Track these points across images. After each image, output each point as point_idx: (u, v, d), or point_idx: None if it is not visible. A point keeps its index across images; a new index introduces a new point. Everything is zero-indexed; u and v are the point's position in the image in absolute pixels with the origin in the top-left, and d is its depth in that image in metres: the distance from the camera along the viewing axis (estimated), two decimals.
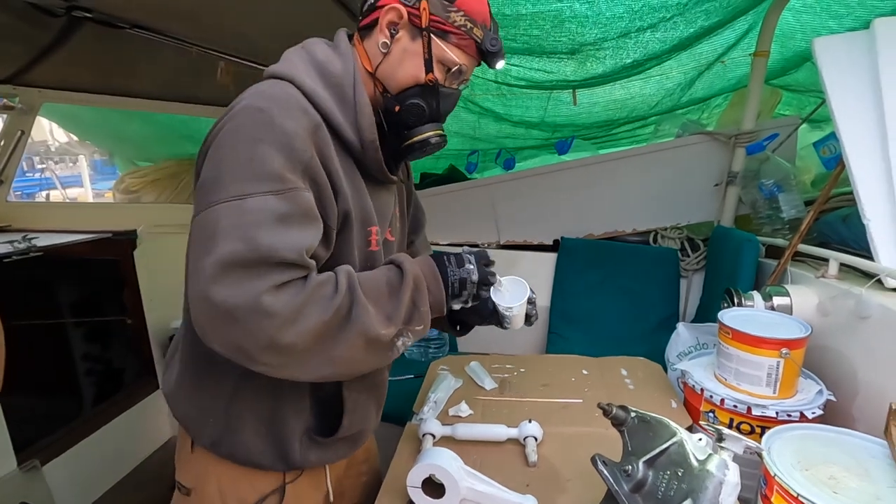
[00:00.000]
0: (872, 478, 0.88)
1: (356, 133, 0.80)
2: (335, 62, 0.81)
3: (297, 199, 0.69)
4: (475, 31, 0.83)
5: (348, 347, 0.70)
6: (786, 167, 1.80)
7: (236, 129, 0.69)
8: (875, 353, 1.13)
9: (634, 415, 0.88)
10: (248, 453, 0.83)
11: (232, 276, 0.62)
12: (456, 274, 0.83)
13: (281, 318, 0.64)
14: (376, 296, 0.75)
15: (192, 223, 0.68)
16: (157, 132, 2.50)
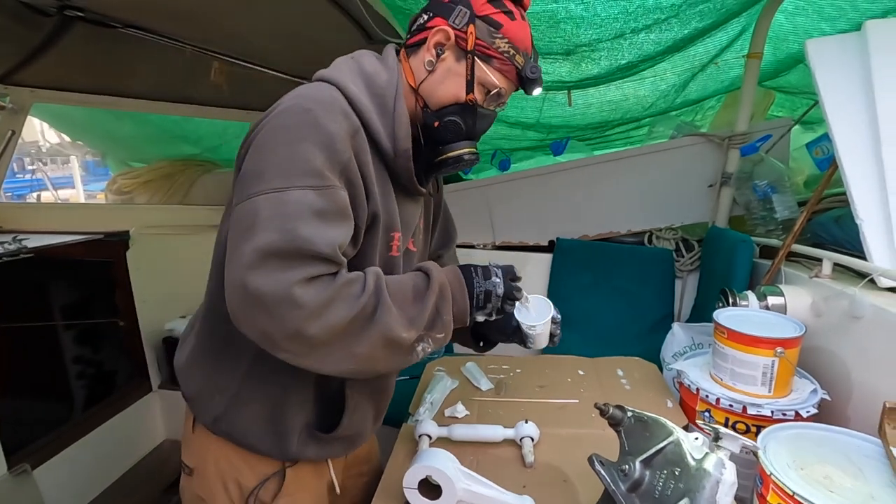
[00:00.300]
0: (867, 477, 0.89)
1: (391, 141, 0.84)
2: (381, 74, 0.85)
3: (334, 197, 0.73)
4: (517, 57, 0.87)
5: (369, 345, 0.73)
6: (779, 168, 1.82)
7: (283, 126, 0.72)
8: (868, 352, 1.14)
9: (631, 414, 0.88)
10: (245, 435, 0.86)
11: (268, 265, 0.66)
12: (482, 286, 0.86)
13: (308, 310, 0.67)
14: (401, 299, 0.78)
15: (233, 211, 0.72)
16: (149, 133, 2.48)
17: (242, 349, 0.83)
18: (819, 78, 1.37)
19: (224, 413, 0.86)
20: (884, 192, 1.22)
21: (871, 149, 1.26)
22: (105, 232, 2.03)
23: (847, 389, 1.19)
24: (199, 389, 0.88)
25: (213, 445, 0.88)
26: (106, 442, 1.85)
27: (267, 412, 0.86)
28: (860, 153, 1.27)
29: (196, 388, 0.89)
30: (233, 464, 0.88)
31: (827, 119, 1.32)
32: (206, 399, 0.87)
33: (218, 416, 0.86)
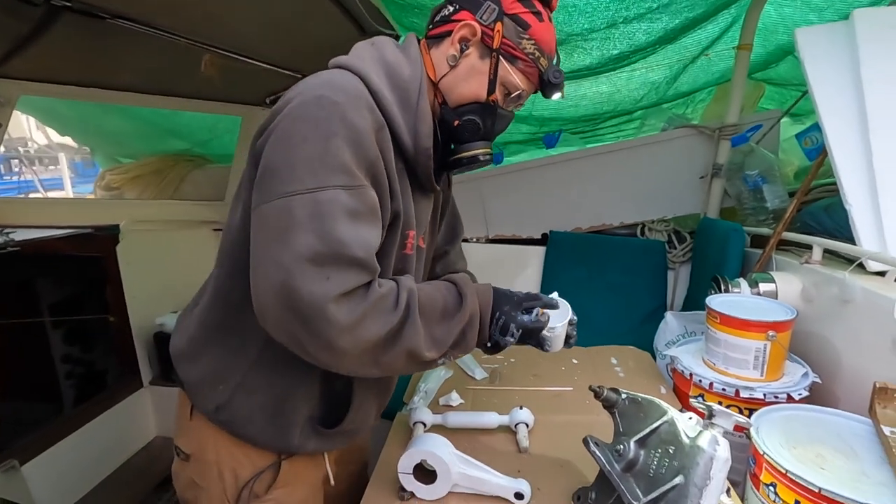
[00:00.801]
0: (858, 455, 0.90)
1: (412, 138, 0.81)
2: (404, 66, 0.82)
3: (365, 197, 0.71)
4: (541, 60, 0.85)
5: (394, 358, 0.74)
6: (770, 158, 1.83)
7: (311, 118, 0.69)
8: (858, 335, 1.15)
9: (625, 396, 0.88)
10: (246, 426, 0.84)
11: (306, 272, 0.65)
12: (495, 336, 0.84)
13: (341, 326, 0.66)
14: (429, 316, 0.77)
15: (261, 209, 0.69)
16: (138, 127, 2.45)
17: (250, 339, 0.82)
18: (808, 67, 1.38)
19: (227, 402, 0.84)
20: (872, 178, 1.23)
21: (859, 136, 1.28)
22: (94, 226, 2.01)
23: (838, 372, 1.20)
24: (202, 377, 0.86)
25: (210, 433, 0.86)
26: (96, 438, 1.83)
27: (271, 404, 0.84)
28: (849, 140, 1.29)
29: (198, 376, 0.86)
30: (231, 453, 0.86)
31: (816, 107, 1.33)
32: (207, 387, 0.85)
33: (220, 405, 0.84)
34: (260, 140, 0.74)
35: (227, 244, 0.84)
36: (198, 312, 0.88)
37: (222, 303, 0.84)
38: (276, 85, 2.29)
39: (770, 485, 0.88)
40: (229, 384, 0.83)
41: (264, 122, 0.75)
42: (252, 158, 0.77)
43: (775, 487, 0.87)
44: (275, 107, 0.75)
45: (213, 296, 0.85)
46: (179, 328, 0.92)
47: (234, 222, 0.81)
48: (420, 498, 0.90)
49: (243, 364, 0.83)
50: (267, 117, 0.75)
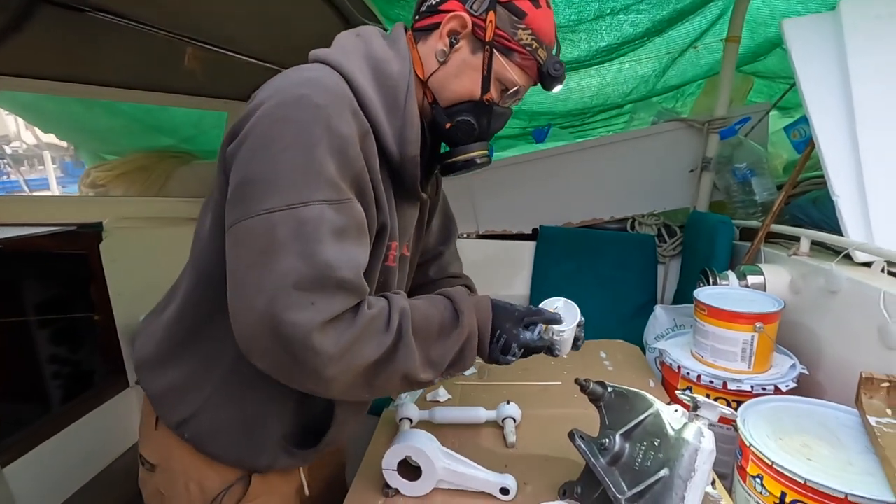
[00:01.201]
0: (844, 445, 0.90)
1: (398, 145, 0.75)
2: (392, 62, 0.75)
3: (352, 212, 0.66)
4: (540, 51, 0.78)
5: (387, 381, 0.70)
6: (758, 150, 1.83)
7: (292, 122, 0.62)
8: (845, 325, 1.15)
9: (611, 389, 0.87)
10: (211, 444, 0.79)
11: (290, 298, 0.60)
12: (495, 355, 0.80)
13: (328, 355, 0.62)
14: (425, 336, 0.72)
15: (239, 226, 0.62)
16: (122, 123, 2.41)
17: (220, 352, 0.76)
18: (795, 58, 1.38)
19: (192, 417, 0.78)
20: (859, 170, 1.23)
21: (846, 127, 1.28)
22: (77, 223, 1.97)
23: (825, 363, 1.20)
24: (166, 389, 0.80)
25: (176, 444, 0.81)
26: (81, 439, 1.80)
27: (240, 421, 0.79)
28: (835, 132, 1.28)
29: (162, 388, 0.80)
30: (197, 466, 0.81)
31: (803, 98, 1.33)
32: (172, 400, 0.80)
33: (184, 419, 0.78)
34: (232, 145, 0.67)
35: (198, 252, 0.78)
36: (165, 320, 0.81)
37: (191, 313, 0.78)
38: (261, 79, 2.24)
39: (757, 476, 0.88)
40: (195, 398, 0.78)
41: (236, 124, 0.68)
42: (222, 164, 0.70)
43: (762, 479, 0.87)
44: (248, 107, 0.67)
45: (182, 305, 0.79)
46: (145, 334, 0.86)
47: (204, 231, 0.76)
48: (405, 494, 0.89)
49: (212, 378, 0.78)
50: (238, 119, 0.68)
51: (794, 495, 0.81)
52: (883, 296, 1.00)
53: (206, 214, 0.77)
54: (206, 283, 0.75)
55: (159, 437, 0.83)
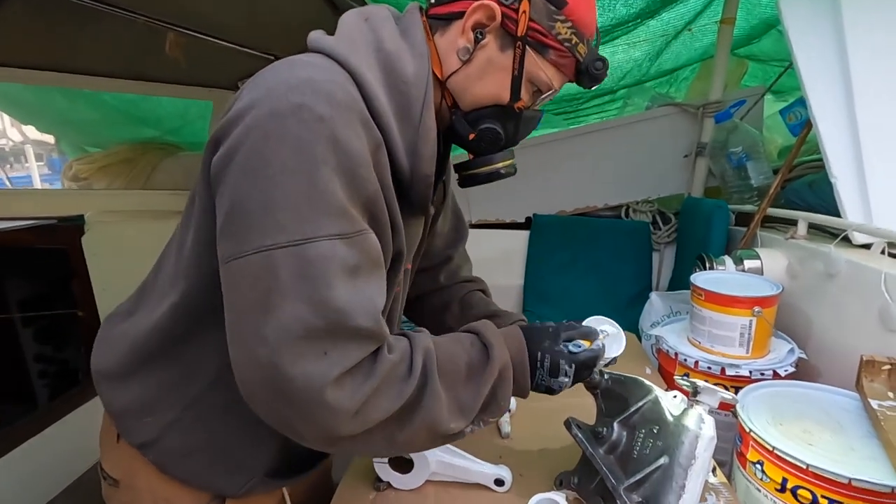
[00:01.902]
0: (845, 429, 0.88)
1: (410, 161, 0.64)
2: (407, 60, 0.63)
3: (366, 245, 0.56)
4: (580, 47, 0.66)
5: (411, 434, 0.60)
6: (754, 134, 1.81)
7: (288, 137, 0.52)
8: (844, 308, 1.13)
9: (608, 377, 0.84)
10: (178, 467, 0.71)
11: (297, 352, 0.51)
12: (544, 381, 0.69)
13: (344, 412, 0.53)
14: (452, 379, 0.62)
15: (234, 264, 0.53)
16: (104, 114, 2.35)
17: (192, 376, 0.68)
18: (792, 36, 1.34)
19: (155, 440, 0.69)
20: (857, 150, 1.21)
21: (844, 106, 1.25)
22: (57, 217, 1.92)
23: (824, 347, 1.19)
24: (127, 406, 0.71)
25: (140, 462, 0.72)
26: (65, 438, 1.76)
27: (211, 447, 0.70)
28: (833, 111, 1.26)
29: (122, 404, 0.71)
30: (165, 486, 0.73)
31: (800, 77, 1.30)
32: (133, 419, 0.70)
33: (146, 442, 0.69)
34: (218, 157, 0.56)
35: (172, 267, 0.68)
36: (132, 332, 0.71)
37: (164, 331, 0.68)
38: (248, 67, 2.20)
39: (757, 463, 0.86)
40: (160, 420, 0.69)
41: (220, 127, 0.57)
42: (206, 175, 0.59)
43: (762, 465, 0.85)
44: (235, 107, 0.56)
45: (155, 320, 0.68)
46: (105, 341, 0.75)
47: (186, 248, 0.65)
48: (396, 487, 0.86)
49: (180, 400, 0.69)
50: (222, 123, 0.57)
51: (795, 481, 0.79)
52: (884, 277, 0.98)
53: (187, 227, 0.66)
54: (185, 304, 0.65)
55: (121, 451, 0.74)
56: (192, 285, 0.64)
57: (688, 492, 0.68)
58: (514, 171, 0.76)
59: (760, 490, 0.85)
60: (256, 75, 0.59)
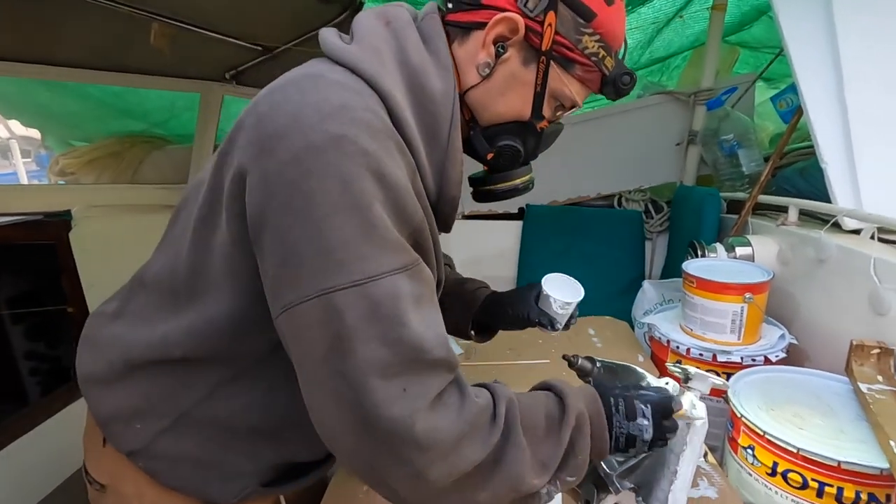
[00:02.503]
0: (836, 413, 0.88)
1: (437, 184, 0.61)
2: (433, 76, 0.59)
3: (424, 274, 0.55)
4: (607, 60, 0.63)
5: (492, 495, 0.56)
6: (745, 121, 1.80)
7: (331, 174, 0.49)
8: (834, 293, 1.13)
9: (600, 364, 0.84)
10: (169, 475, 0.69)
11: (378, 394, 0.49)
12: (623, 427, 0.63)
13: (435, 451, 0.51)
14: (533, 433, 0.58)
15: (292, 312, 0.51)
16: (89, 107, 2.30)
17: (188, 387, 0.65)
18: (783, 20, 1.34)
19: (145, 448, 0.66)
20: (847, 135, 1.21)
21: (834, 91, 1.25)
22: (44, 212, 1.89)
23: (815, 332, 1.19)
24: (115, 412, 0.68)
25: (128, 468, 0.69)
26: (57, 436, 1.74)
27: (205, 458, 0.68)
28: (824, 96, 1.26)
29: (111, 410, 0.68)
30: (154, 493, 0.70)
31: (791, 61, 1.29)
32: (122, 425, 0.67)
33: (136, 450, 0.67)
34: (254, 195, 0.52)
35: (182, 285, 0.64)
36: (124, 337, 0.68)
37: (163, 350, 0.65)
38: (235, 58, 2.17)
39: (748, 447, 0.86)
40: (150, 427, 0.66)
41: (242, 152, 0.53)
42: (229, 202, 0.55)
43: (753, 450, 0.85)
44: (258, 132, 0.52)
45: (156, 338, 0.65)
46: (92, 343, 0.72)
47: (207, 274, 0.61)
48: None
49: (173, 410, 0.66)
50: (243, 145, 0.53)
51: (786, 465, 0.80)
52: (873, 262, 0.98)
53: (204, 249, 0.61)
54: (186, 331, 0.63)
55: (107, 455, 0.70)
56: (218, 316, 0.61)
57: (680, 477, 0.68)
58: (533, 185, 0.74)
59: (752, 474, 0.86)
60: (273, 89, 0.55)
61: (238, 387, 0.66)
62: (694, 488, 0.83)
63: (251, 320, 0.60)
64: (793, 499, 0.80)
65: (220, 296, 0.61)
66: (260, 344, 0.62)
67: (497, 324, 0.95)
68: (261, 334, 0.61)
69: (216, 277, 0.61)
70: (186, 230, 0.64)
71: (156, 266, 0.69)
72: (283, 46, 2.07)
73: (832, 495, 0.76)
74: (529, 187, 0.74)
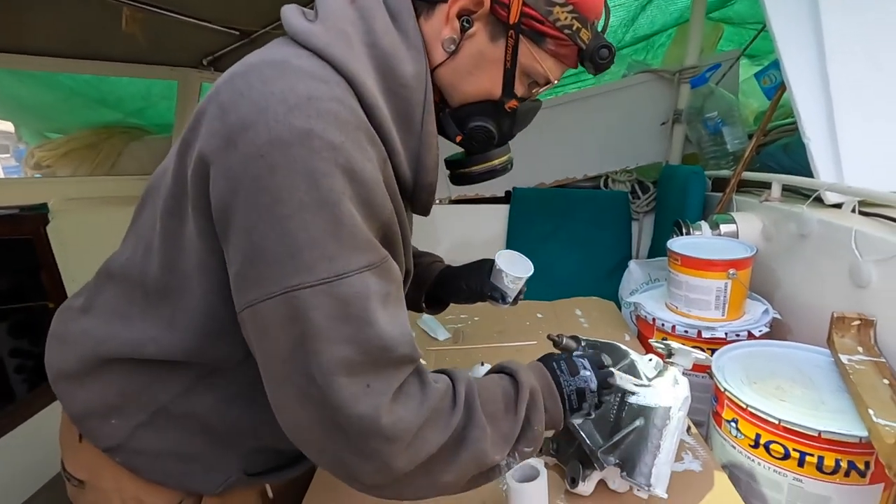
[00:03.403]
0: (817, 385, 0.89)
1: (413, 171, 0.60)
2: (404, 58, 0.57)
3: (391, 270, 0.54)
4: (582, 33, 0.59)
5: (457, 474, 0.57)
6: (729, 98, 1.80)
7: (298, 170, 0.47)
8: (816, 267, 1.14)
9: (585, 343, 0.84)
10: (149, 469, 0.68)
11: (343, 389, 0.49)
12: (571, 384, 0.66)
13: (400, 441, 0.51)
14: (493, 410, 0.60)
15: (260, 307, 0.49)
16: (63, 98, 2.23)
17: (164, 381, 0.63)
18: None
19: (124, 443, 0.65)
20: (830, 109, 1.21)
21: (816, 66, 1.24)
22: (20, 206, 1.84)
23: (797, 306, 1.20)
24: (89, 408, 0.66)
25: (106, 463, 0.67)
26: (43, 433, 1.73)
27: (186, 451, 0.66)
28: (806, 70, 1.25)
29: (84, 406, 0.66)
30: (135, 487, 0.69)
31: (773, 36, 1.28)
32: (97, 420, 0.65)
33: (113, 446, 0.65)
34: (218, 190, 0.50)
35: (139, 276, 0.62)
36: (94, 334, 0.65)
37: (137, 350, 0.63)
38: (212, 44, 2.12)
39: (732, 421, 0.87)
40: (127, 421, 0.65)
41: (204, 142, 0.51)
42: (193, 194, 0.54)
43: (737, 423, 0.86)
44: (220, 122, 0.50)
45: (130, 339, 0.64)
46: (60, 339, 0.69)
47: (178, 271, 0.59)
48: None
49: (151, 404, 0.64)
50: (204, 135, 0.51)
51: (768, 436, 0.81)
52: (854, 235, 0.99)
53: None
54: (157, 327, 0.62)
55: (84, 451, 0.69)
56: (192, 312, 0.60)
57: (663, 451, 0.69)
58: (511, 165, 0.73)
59: (735, 447, 0.87)
60: (234, 75, 0.52)
61: (216, 382, 0.64)
62: (678, 462, 0.84)
63: (226, 316, 0.59)
64: (775, 469, 0.81)
65: (193, 292, 0.59)
66: (237, 340, 0.61)
67: (450, 297, 0.97)
68: (237, 331, 0.60)
69: (188, 272, 0.59)
70: (154, 222, 0.62)
71: (122, 258, 0.67)
72: (261, 30, 2.02)
73: (813, 464, 0.77)
74: (508, 168, 0.73)
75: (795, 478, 0.79)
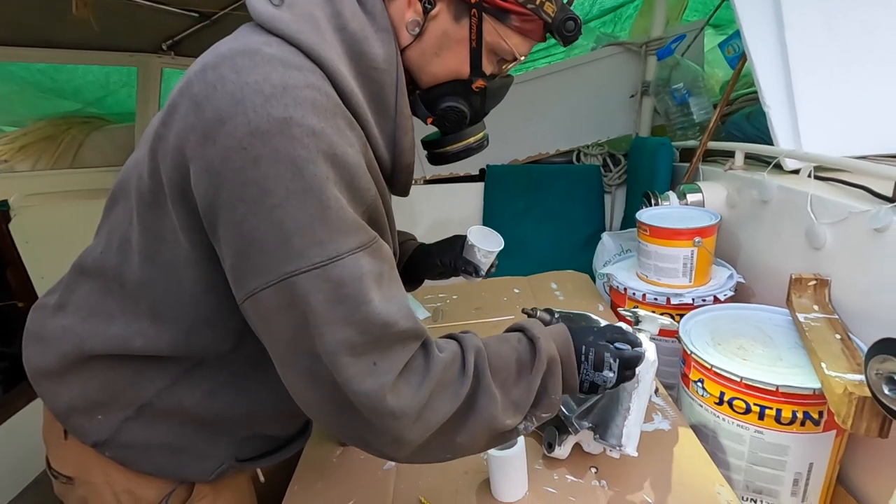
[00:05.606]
0: (776, 343, 0.95)
1: (391, 153, 0.61)
2: (373, 41, 0.57)
3: (382, 251, 0.55)
4: (546, 6, 0.60)
5: (470, 436, 0.59)
6: (695, 69, 1.83)
7: (281, 159, 0.47)
8: (776, 231, 1.19)
9: (558, 315, 0.87)
10: (139, 462, 0.68)
11: (347, 372, 0.50)
12: (589, 377, 0.66)
13: (407, 416, 0.53)
14: (504, 378, 0.60)
15: (259, 296, 0.50)
16: (16, 89, 2.13)
17: (150, 375, 0.63)
18: None
19: (111, 437, 0.65)
20: (788, 78, 1.24)
21: (775, 35, 1.27)
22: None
23: (759, 270, 1.26)
24: (73, 404, 0.65)
25: (94, 458, 0.67)
26: (24, 432, 1.70)
27: (176, 441, 0.67)
28: (766, 40, 1.28)
29: (68, 402, 0.65)
30: (126, 478, 0.69)
31: (734, 6, 1.31)
32: (82, 417, 0.65)
33: (100, 441, 0.65)
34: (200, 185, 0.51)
35: (116, 271, 0.62)
36: (70, 327, 0.65)
37: (122, 348, 0.63)
38: (171, 27, 2.04)
39: (698, 381, 0.92)
40: (114, 417, 0.65)
41: (178, 136, 0.51)
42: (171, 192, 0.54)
43: (703, 383, 0.91)
44: (196, 116, 0.50)
45: (115, 338, 0.63)
46: (38, 337, 0.68)
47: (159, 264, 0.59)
48: None
49: (136, 399, 0.64)
50: (179, 130, 0.51)
51: (731, 393, 0.86)
52: (810, 198, 1.04)
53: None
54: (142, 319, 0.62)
55: (71, 447, 0.68)
56: (176, 306, 0.61)
57: (633, 413, 0.72)
58: (487, 142, 0.74)
59: (702, 406, 0.92)
60: (206, 67, 0.51)
61: (202, 374, 0.65)
62: (649, 423, 0.88)
63: (212, 307, 0.60)
64: (738, 423, 0.86)
65: (177, 284, 0.60)
66: (223, 331, 0.62)
67: (425, 274, 1.00)
68: (220, 323, 0.61)
69: (171, 265, 0.59)
70: (130, 216, 0.61)
71: (95, 252, 0.66)
72: (220, 12, 1.96)
73: (772, 416, 0.83)
74: (484, 145, 0.75)
75: (756, 430, 0.85)
